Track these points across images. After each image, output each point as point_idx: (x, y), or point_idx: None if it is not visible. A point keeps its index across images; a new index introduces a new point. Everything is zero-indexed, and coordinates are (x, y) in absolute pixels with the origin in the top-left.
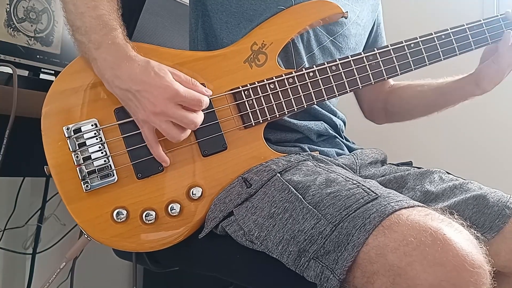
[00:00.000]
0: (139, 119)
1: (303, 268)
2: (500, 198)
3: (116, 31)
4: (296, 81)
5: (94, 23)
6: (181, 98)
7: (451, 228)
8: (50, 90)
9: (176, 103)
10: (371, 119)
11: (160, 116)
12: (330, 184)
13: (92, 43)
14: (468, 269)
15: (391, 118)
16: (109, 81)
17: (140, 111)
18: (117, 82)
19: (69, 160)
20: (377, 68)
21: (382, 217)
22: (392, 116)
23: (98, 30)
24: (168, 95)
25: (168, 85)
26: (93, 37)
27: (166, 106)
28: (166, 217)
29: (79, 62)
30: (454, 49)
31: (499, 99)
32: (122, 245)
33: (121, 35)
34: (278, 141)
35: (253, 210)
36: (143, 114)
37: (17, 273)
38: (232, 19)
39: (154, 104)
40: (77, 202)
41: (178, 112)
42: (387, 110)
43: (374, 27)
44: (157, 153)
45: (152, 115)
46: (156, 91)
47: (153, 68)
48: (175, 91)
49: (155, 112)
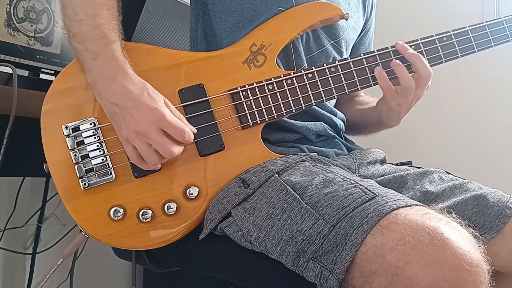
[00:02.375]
0: (122, 136)
1: (302, 269)
2: (500, 198)
3: (115, 44)
4: (294, 82)
5: (92, 32)
6: (166, 123)
7: (449, 227)
8: (50, 89)
9: (159, 128)
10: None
11: (140, 136)
12: (327, 184)
13: (89, 52)
14: (466, 268)
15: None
16: (100, 92)
17: (123, 127)
18: (108, 95)
19: (68, 158)
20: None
21: (379, 216)
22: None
23: (95, 40)
24: (153, 117)
25: (156, 107)
26: (89, 46)
27: (148, 127)
28: (162, 216)
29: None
30: (456, 51)
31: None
32: (119, 243)
33: (120, 48)
34: (277, 142)
35: (251, 211)
36: (125, 131)
37: (17, 273)
38: (232, 18)
39: (137, 123)
40: (75, 200)
41: (158, 137)
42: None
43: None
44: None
45: (133, 133)
46: (142, 111)
47: (147, 90)
48: (162, 115)
49: (136, 131)
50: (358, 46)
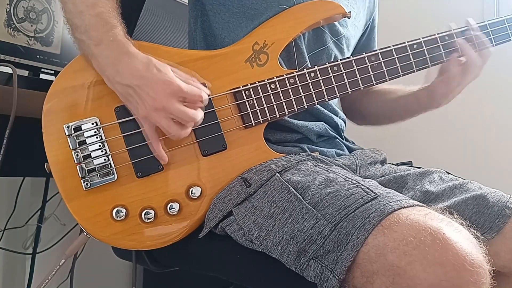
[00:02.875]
0: (140, 116)
1: (303, 268)
2: (500, 198)
3: (117, 29)
4: (297, 81)
5: (94, 21)
6: (183, 93)
7: (451, 228)
8: (51, 88)
9: (177, 99)
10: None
11: (161, 112)
12: (329, 184)
13: (92, 40)
14: (468, 268)
15: (364, 121)
16: (109, 77)
17: (141, 107)
18: (118, 78)
19: (69, 158)
20: (379, 69)
21: (381, 216)
22: (364, 119)
23: (98, 28)
24: (170, 90)
25: (170, 80)
26: (93, 34)
27: (167, 101)
28: (165, 216)
29: (80, 61)
30: (457, 50)
31: (498, 99)
32: (121, 243)
33: (122, 32)
34: (278, 142)
35: (253, 210)
36: (143, 110)
37: (17, 273)
38: (234, 18)
39: (155, 99)
40: (77, 200)
41: (179, 108)
42: (361, 112)
43: (367, 30)
44: (157, 150)
45: (153, 110)
46: (157, 86)
47: (154, 65)
48: (177, 87)
49: (156, 108)
50: (367, 43)
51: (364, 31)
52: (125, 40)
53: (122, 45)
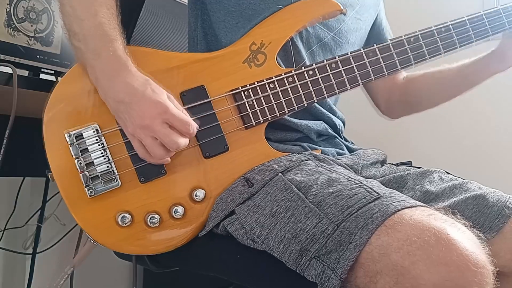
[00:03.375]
0: (128, 132)
1: (304, 267)
2: (499, 198)
3: (117, 42)
4: (295, 80)
5: (93, 31)
6: (169, 115)
7: (455, 228)
8: (51, 96)
9: (163, 121)
10: (388, 113)
11: (145, 130)
12: (332, 184)
13: (91, 52)
14: (472, 269)
15: (410, 109)
16: (104, 90)
17: (128, 123)
18: (111, 92)
19: (72, 166)
20: (377, 64)
21: (384, 216)
22: (411, 107)
23: (96, 39)
24: (157, 110)
25: (160, 101)
26: (91, 45)
27: (152, 121)
28: (170, 220)
29: (78, 68)
30: (454, 42)
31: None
32: (127, 249)
33: (122, 46)
34: (279, 141)
35: (255, 209)
36: (130, 127)
37: (17, 273)
38: (231, 18)
39: (141, 117)
40: (82, 208)
41: (163, 129)
42: (406, 101)
43: (377, 21)
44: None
45: (138, 128)
46: (146, 105)
47: (150, 85)
48: (165, 107)
49: (141, 125)
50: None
51: (374, 23)
52: (125, 57)
53: (122, 62)
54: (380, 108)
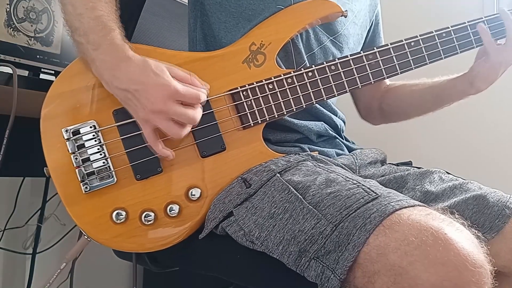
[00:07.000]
0: (140, 118)
1: (304, 268)
2: (500, 198)
3: (115, 32)
4: (295, 81)
5: (93, 24)
6: (180, 95)
7: (452, 228)
8: (49, 92)
9: (174, 101)
10: (367, 119)
11: (160, 115)
12: (330, 184)
13: (91, 44)
14: (470, 268)
15: (387, 118)
16: (108, 81)
17: (140, 110)
18: (115, 82)
19: (69, 162)
20: (376, 68)
21: (382, 216)
22: (388, 116)
23: (97, 31)
24: (166, 93)
25: (166, 83)
26: (91, 38)
27: (165, 104)
28: (165, 218)
29: (78, 64)
30: (455, 47)
31: (498, 99)
32: (122, 245)
33: (119, 35)
34: (278, 141)
35: (253, 210)
36: (143, 113)
37: (17, 273)
38: (231, 19)
39: (153, 102)
40: (77, 204)
41: (177, 109)
42: (383, 110)
43: (372, 26)
44: (159, 151)
45: (151, 113)
46: (154, 90)
47: (150, 67)
48: (174, 90)
49: (154, 111)
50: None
51: (370, 27)
52: (122, 44)
53: (119, 49)
54: (360, 113)
